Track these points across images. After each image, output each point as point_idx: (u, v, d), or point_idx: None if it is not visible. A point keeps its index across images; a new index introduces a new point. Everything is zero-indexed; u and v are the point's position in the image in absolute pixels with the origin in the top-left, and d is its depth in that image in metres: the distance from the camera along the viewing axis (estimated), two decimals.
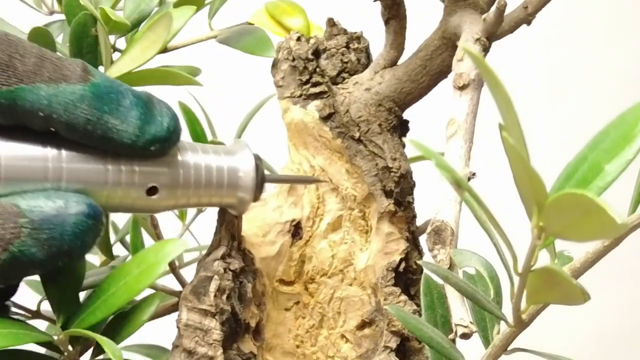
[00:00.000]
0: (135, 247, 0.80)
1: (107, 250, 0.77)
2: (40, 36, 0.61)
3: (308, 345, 0.64)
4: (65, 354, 0.56)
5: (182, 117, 0.85)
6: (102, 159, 0.52)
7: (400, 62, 0.64)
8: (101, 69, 0.63)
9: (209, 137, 0.81)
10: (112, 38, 0.66)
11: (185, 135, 0.83)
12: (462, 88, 0.55)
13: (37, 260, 0.49)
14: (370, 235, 0.64)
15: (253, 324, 0.63)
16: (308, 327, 0.64)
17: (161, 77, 0.61)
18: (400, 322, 0.51)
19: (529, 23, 0.67)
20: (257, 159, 0.57)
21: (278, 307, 0.65)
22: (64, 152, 0.51)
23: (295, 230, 0.65)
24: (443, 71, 0.62)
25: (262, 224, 0.65)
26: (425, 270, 0.55)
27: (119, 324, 0.58)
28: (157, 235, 0.70)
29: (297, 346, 0.64)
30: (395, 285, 0.63)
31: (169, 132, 0.52)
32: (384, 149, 0.63)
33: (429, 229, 0.52)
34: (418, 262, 0.59)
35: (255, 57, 0.67)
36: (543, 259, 0.44)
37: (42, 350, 0.59)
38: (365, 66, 0.65)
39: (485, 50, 0.56)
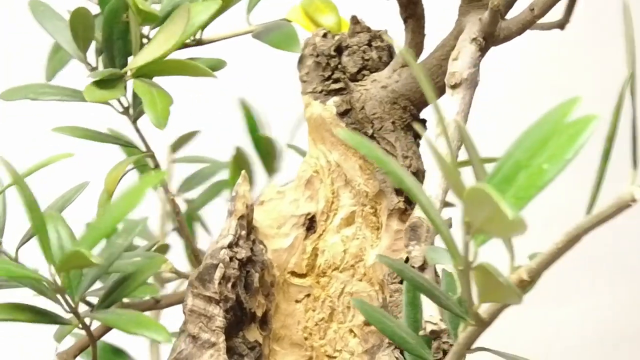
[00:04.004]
0: None
1: None
2: (81, 17, 0.63)
3: (316, 338, 0.65)
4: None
5: (242, 114, 0.87)
6: None
7: (419, 60, 0.64)
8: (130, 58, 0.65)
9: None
10: (147, 28, 0.68)
11: (242, 132, 0.85)
12: (454, 87, 0.55)
13: None
14: (381, 232, 0.64)
15: (259, 313, 0.64)
16: (317, 320, 0.65)
17: (181, 68, 0.63)
18: (363, 314, 0.52)
19: (562, 28, 0.66)
20: None
21: (288, 299, 0.66)
22: None
23: (310, 223, 0.66)
24: None
25: (277, 216, 0.66)
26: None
27: (120, 284, 0.61)
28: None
29: (306, 338, 0.65)
30: (401, 282, 0.63)
31: None
32: (396, 146, 0.63)
33: (406, 225, 0.52)
34: (376, 256, 0.59)
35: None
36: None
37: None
38: (387, 64, 0.66)
39: (482, 50, 0.56)
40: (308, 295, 0.66)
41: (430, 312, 0.51)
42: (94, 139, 0.66)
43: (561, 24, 0.68)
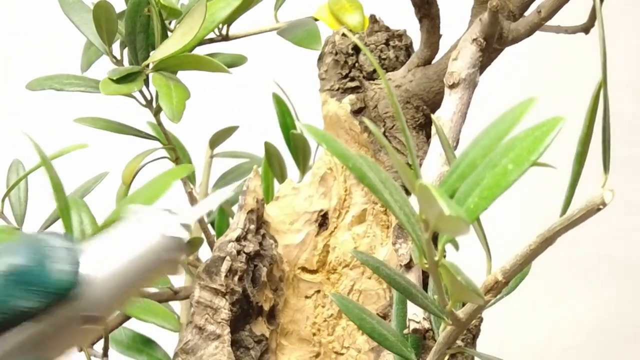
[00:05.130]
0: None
1: None
2: (103, 10, 0.65)
3: (325, 334, 0.65)
4: None
5: (275, 109, 0.87)
6: None
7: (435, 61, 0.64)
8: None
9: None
10: (174, 23, 0.69)
11: (275, 126, 0.86)
12: (452, 86, 0.55)
13: None
14: (390, 231, 0.64)
15: (267, 307, 0.64)
16: (326, 317, 0.66)
17: (197, 63, 0.64)
18: (342, 310, 0.52)
19: (587, 32, 0.65)
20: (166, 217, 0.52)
21: (298, 294, 0.66)
22: None
23: (323, 220, 0.66)
24: None
25: (291, 212, 0.66)
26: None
27: None
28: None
29: (314, 334, 0.66)
30: None
31: (72, 276, 0.46)
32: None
33: (393, 224, 0.52)
34: (352, 251, 0.59)
35: None
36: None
37: None
38: (404, 64, 0.66)
39: (482, 50, 0.55)
40: (318, 292, 0.66)
41: (414, 311, 0.51)
42: (115, 131, 0.68)
43: (586, 28, 0.67)
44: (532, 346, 1.29)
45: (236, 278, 0.62)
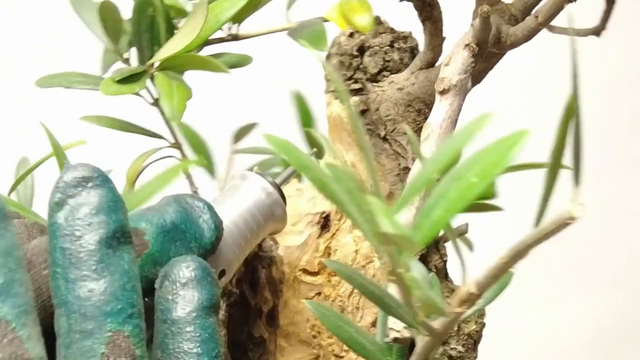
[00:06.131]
0: None
1: None
2: (108, 10, 0.65)
3: (325, 337, 0.65)
4: None
5: (295, 106, 0.87)
6: None
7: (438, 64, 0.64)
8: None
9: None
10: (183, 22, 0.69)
11: (293, 124, 0.86)
12: (442, 93, 0.54)
13: None
14: None
15: (266, 309, 0.64)
16: None
17: (199, 63, 0.64)
18: (319, 318, 0.51)
19: (598, 35, 0.64)
20: (267, 179, 0.58)
21: (298, 296, 0.66)
22: None
23: (325, 222, 0.66)
24: (474, 76, 0.61)
25: (293, 213, 0.66)
26: None
27: None
28: None
29: (314, 336, 0.65)
30: None
31: (217, 229, 0.52)
32: (408, 149, 0.63)
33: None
34: (323, 260, 0.58)
35: None
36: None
37: None
38: (408, 66, 0.65)
39: (475, 55, 0.55)
40: (319, 294, 0.66)
41: (395, 320, 0.51)
42: (120, 129, 0.68)
43: (597, 31, 0.66)
44: (532, 346, 1.28)
45: (234, 280, 0.62)
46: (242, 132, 0.88)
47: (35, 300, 0.45)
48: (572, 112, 0.43)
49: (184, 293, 0.46)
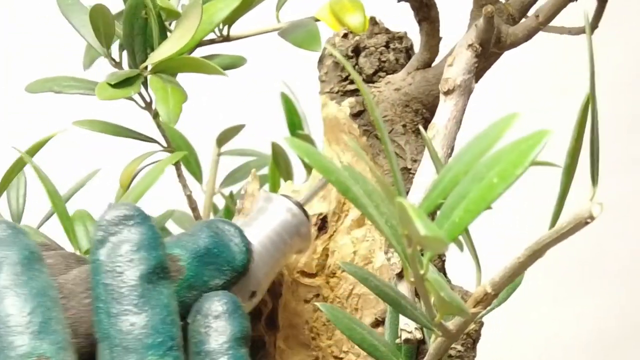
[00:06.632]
0: None
1: None
2: (99, 13, 0.65)
3: (324, 339, 0.65)
4: None
5: (282, 107, 0.87)
6: None
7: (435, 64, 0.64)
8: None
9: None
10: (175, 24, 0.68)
11: (283, 125, 0.86)
12: (447, 93, 0.54)
13: None
14: None
15: (265, 311, 0.64)
16: (325, 321, 0.65)
17: (194, 65, 0.64)
18: (331, 320, 0.51)
19: (591, 33, 0.65)
20: (292, 200, 0.59)
21: (297, 298, 0.66)
22: None
23: (322, 223, 0.66)
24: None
25: None
26: None
27: None
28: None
29: (313, 338, 0.65)
30: None
31: (248, 252, 0.53)
32: (406, 150, 0.63)
33: None
34: (339, 263, 0.58)
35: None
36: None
37: None
38: (404, 66, 0.65)
39: (478, 56, 0.55)
40: (317, 296, 0.66)
41: (406, 321, 0.51)
42: (113, 134, 0.67)
43: (590, 29, 0.66)
44: (534, 346, 1.29)
45: None
46: (227, 135, 0.88)
47: (77, 329, 0.46)
48: (586, 113, 0.44)
49: (217, 325, 0.48)
